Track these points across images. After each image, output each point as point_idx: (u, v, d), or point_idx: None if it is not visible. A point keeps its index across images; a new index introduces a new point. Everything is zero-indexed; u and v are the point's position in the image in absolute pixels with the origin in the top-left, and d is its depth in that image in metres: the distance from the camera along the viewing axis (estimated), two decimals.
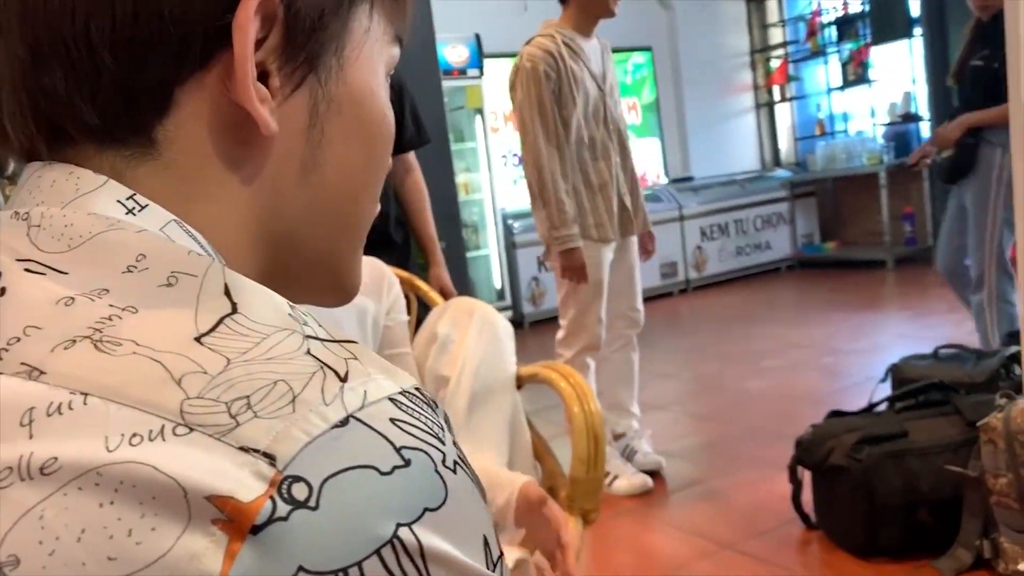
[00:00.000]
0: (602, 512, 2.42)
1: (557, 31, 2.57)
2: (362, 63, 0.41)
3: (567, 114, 2.52)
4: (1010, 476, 1.85)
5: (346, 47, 0.40)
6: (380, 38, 0.42)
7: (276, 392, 0.29)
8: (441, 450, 0.31)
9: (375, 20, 0.42)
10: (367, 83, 0.42)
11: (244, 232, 0.39)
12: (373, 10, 0.41)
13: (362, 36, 0.41)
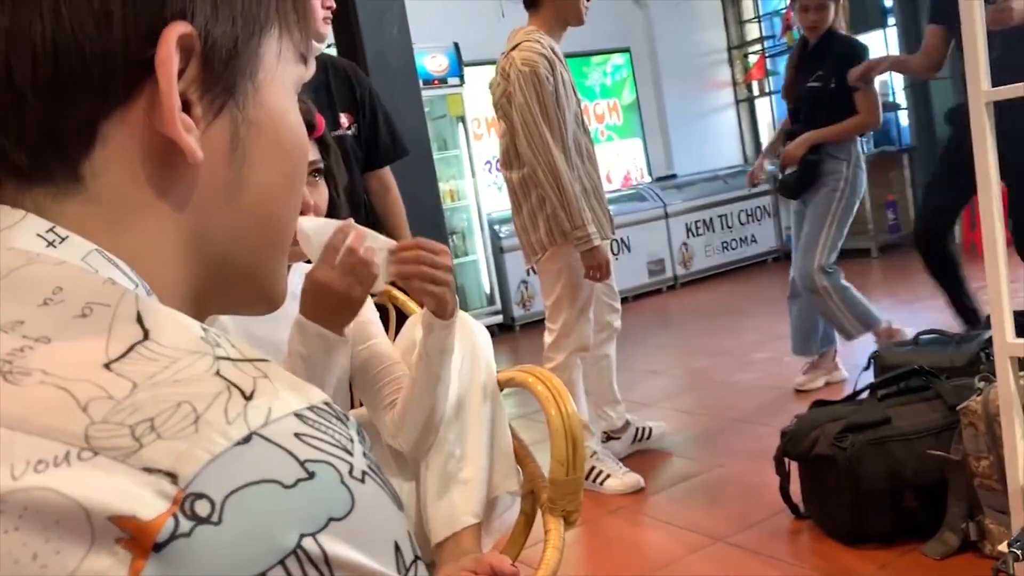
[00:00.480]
0: (594, 509, 2.45)
1: (539, 37, 2.57)
2: (275, 85, 0.43)
3: (563, 118, 2.55)
4: (992, 458, 1.88)
5: (259, 71, 0.42)
6: (289, 59, 0.44)
7: (180, 413, 0.30)
8: (348, 461, 0.32)
9: (284, 43, 0.43)
10: (281, 103, 0.43)
11: (174, 255, 0.41)
12: (281, 35, 0.43)
13: (274, 60, 0.43)
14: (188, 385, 0.31)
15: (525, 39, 2.56)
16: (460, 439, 1.28)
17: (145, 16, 0.37)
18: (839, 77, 3.18)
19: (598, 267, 2.56)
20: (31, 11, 0.35)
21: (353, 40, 3.67)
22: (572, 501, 1.23)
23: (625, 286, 6.26)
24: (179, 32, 0.37)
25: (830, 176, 3.30)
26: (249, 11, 0.41)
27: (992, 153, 1.41)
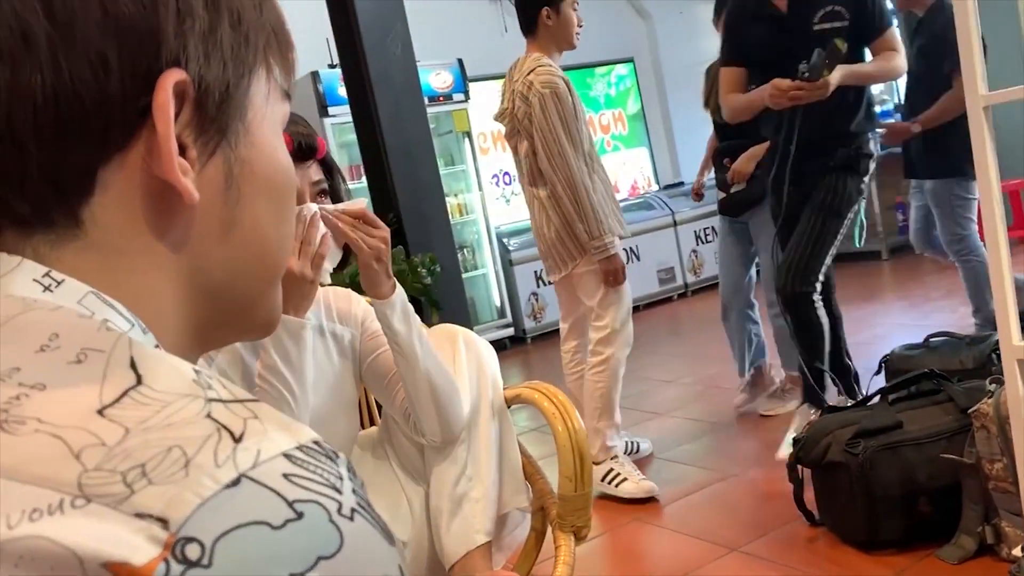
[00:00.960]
0: (609, 520, 2.44)
1: (547, 61, 2.77)
2: (264, 123, 0.44)
3: (580, 132, 2.74)
4: (1005, 460, 1.87)
5: (248, 111, 0.43)
6: (275, 98, 0.46)
7: (170, 458, 0.31)
8: (337, 499, 0.33)
9: (270, 83, 0.45)
10: (270, 140, 0.45)
11: (172, 293, 0.42)
12: (268, 75, 0.45)
13: (262, 100, 0.44)
14: (179, 429, 0.32)
15: (537, 64, 2.74)
16: (469, 457, 1.29)
17: (141, 64, 0.38)
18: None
19: (615, 272, 2.72)
20: (31, 64, 0.37)
21: (357, 60, 3.70)
22: (581, 516, 1.24)
23: (636, 295, 6.21)
24: (174, 79, 0.38)
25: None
26: (238, 55, 0.42)
27: (992, 156, 1.41)
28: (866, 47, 2.70)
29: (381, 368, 1.32)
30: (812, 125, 2.56)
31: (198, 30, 0.40)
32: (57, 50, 0.37)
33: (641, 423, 3.52)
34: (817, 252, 2.68)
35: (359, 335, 1.35)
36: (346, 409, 1.33)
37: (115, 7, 0.38)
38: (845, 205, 2.68)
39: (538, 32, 2.80)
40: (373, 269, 1.22)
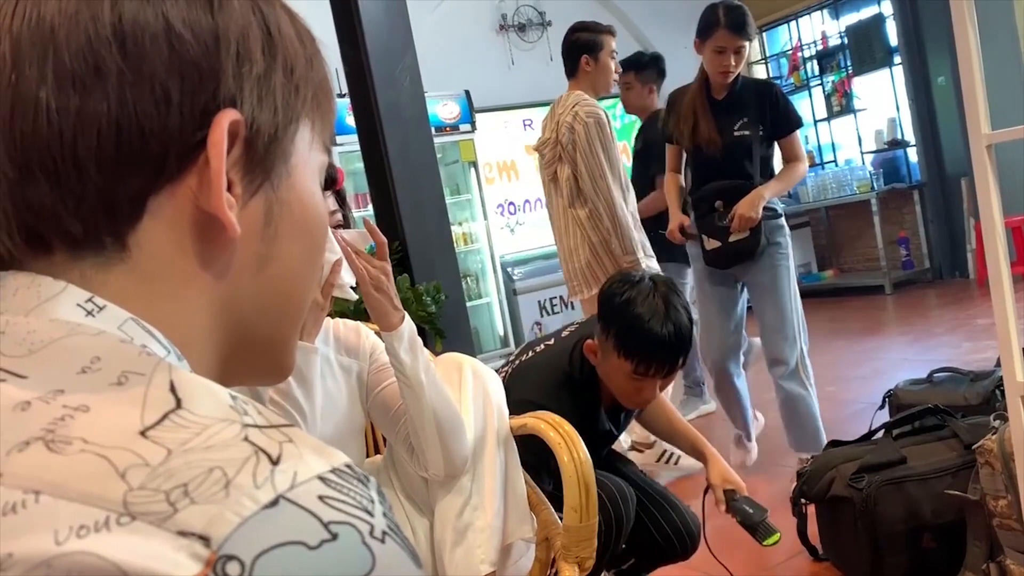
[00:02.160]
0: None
1: (589, 96, 3.07)
2: (305, 170, 0.47)
3: (617, 158, 3.02)
4: (1010, 497, 1.86)
5: (292, 157, 0.46)
6: (317, 148, 0.48)
7: (212, 478, 0.32)
8: (369, 522, 0.34)
9: (314, 133, 0.48)
10: (309, 187, 0.47)
11: (205, 324, 0.44)
12: (313, 126, 0.48)
13: (305, 147, 0.47)
14: (219, 451, 0.33)
15: (580, 98, 3.04)
16: (475, 487, 1.29)
17: (200, 101, 0.40)
18: (768, 122, 2.84)
19: None
20: (100, 93, 0.39)
21: (366, 93, 3.75)
22: (586, 548, 1.24)
23: None
24: (230, 118, 0.41)
25: (780, 235, 2.88)
26: (288, 103, 0.45)
27: (995, 194, 1.43)
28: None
29: (387, 401, 1.33)
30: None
31: (255, 74, 0.42)
32: (125, 82, 0.39)
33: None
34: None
35: (367, 367, 1.36)
36: (355, 437, 1.34)
37: (181, 46, 0.40)
38: None
39: (579, 75, 3.12)
40: (375, 298, 1.23)
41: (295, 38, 0.46)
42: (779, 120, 2.86)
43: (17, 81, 0.39)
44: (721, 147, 2.82)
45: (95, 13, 0.39)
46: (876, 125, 6.80)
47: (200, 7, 0.41)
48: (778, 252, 2.86)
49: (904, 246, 6.57)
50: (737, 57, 2.80)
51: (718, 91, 2.88)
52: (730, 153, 2.82)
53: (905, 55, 6.29)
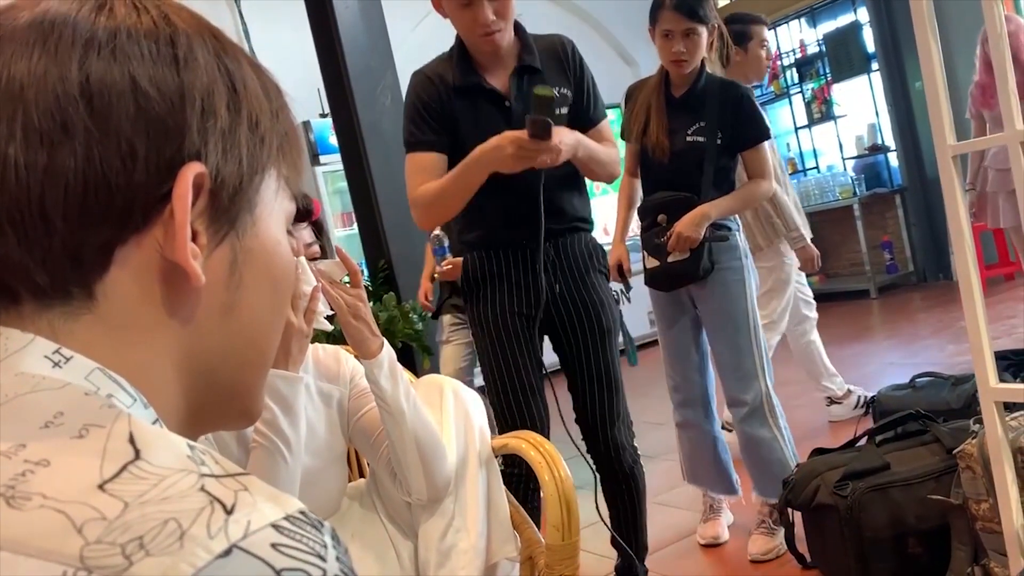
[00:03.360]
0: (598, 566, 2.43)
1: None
2: (271, 218, 0.48)
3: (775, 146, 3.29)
4: (991, 501, 1.88)
5: (257, 206, 0.47)
6: (283, 197, 0.50)
7: (166, 530, 0.33)
8: (322, 567, 0.35)
9: (280, 183, 0.49)
10: (274, 235, 0.49)
11: (172, 371, 0.45)
12: (279, 175, 0.49)
13: (271, 196, 0.48)
14: (174, 502, 0.34)
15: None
16: (458, 508, 1.30)
17: (165, 156, 0.42)
18: (729, 128, 2.40)
19: (810, 260, 3.30)
20: (67, 150, 0.40)
21: (348, 113, 3.77)
22: (569, 566, 1.25)
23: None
24: (195, 171, 0.42)
25: (725, 259, 2.45)
26: (253, 154, 0.46)
27: (962, 204, 1.45)
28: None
29: (368, 426, 1.34)
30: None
31: (219, 129, 0.44)
32: (92, 139, 0.41)
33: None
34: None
35: (347, 393, 1.37)
36: (336, 462, 1.35)
37: (147, 103, 0.42)
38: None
39: (731, 65, 3.19)
40: (353, 326, 1.24)
41: (260, 92, 0.48)
42: (741, 128, 2.40)
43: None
44: (669, 152, 2.39)
45: (63, 73, 0.41)
46: (856, 131, 6.87)
47: (166, 66, 0.43)
48: (731, 278, 2.43)
49: (888, 250, 6.62)
50: (688, 43, 2.33)
51: (677, 87, 2.44)
52: (679, 160, 2.39)
53: (883, 61, 6.36)
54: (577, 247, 2.02)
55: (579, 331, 2.00)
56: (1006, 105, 1.34)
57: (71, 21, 0.42)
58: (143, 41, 0.43)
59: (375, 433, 1.33)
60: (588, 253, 2.04)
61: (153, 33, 0.43)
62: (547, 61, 2.00)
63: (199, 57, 0.44)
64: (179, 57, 0.43)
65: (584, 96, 2.03)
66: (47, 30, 0.42)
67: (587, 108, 2.04)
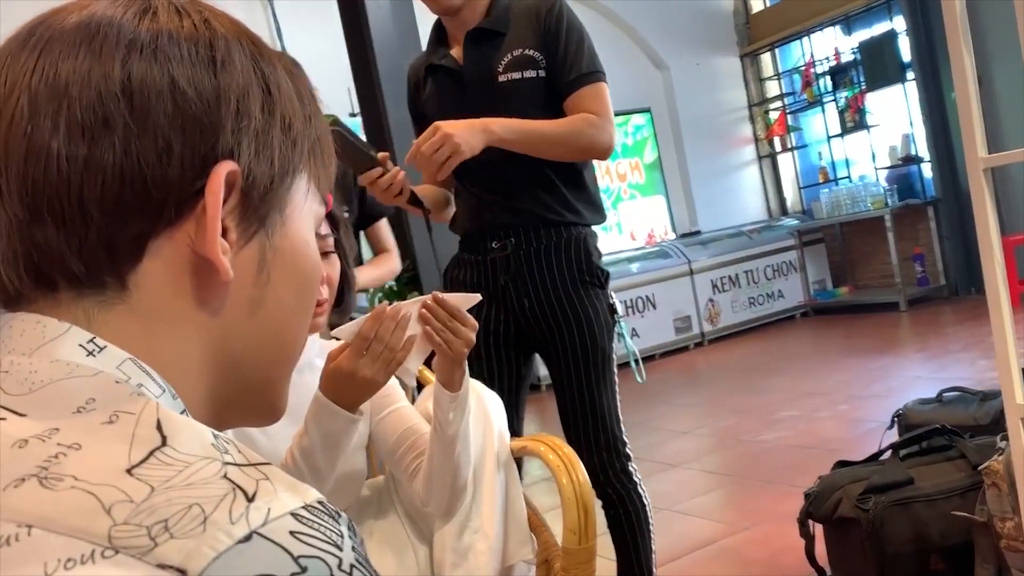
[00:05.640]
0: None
1: None
2: (300, 219, 0.50)
3: None
4: (1017, 519, 1.85)
5: (287, 206, 0.49)
6: (313, 199, 0.51)
7: (190, 515, 0.35)
8: (338, 556, 0.36)
9: (311, 185, 0.51)
10: (303, 236, 0.50)
11: (198, 363, 0.46)
12: (309, 178, 0.51)
13: (301, 198, 0.50)
14: (198, 488, 0.36)
15: None
16: (475, 509, 1.30)
17: (200, 153, 0.44)
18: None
19: None
20: (106, 144, 0.42)
21: (377, 110, 3.79)
22: (585, 569, 1.25)
23: (651, 344, 6.26)
24: (227, 169, 0.44)
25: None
26: (285, 156, 0.48)
27: (993, 217, 1.44)
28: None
29: (389, 428, 1.34)
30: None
31: (252, 129, 0.46)
32: (130, 134, 0.42)
33: (655, 474, 3.50)
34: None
35: None
36: (358, 450, 1.35)
37: (185, 103, 0.43)
38: None
39: None
40: (449, 370, 1.22)
41: (294, 96, 0.49)
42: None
43: (32, 132, 0.42)
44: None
45: (106, 71, 0.43)
46: (890, 141, 6.79)
47: (204, 67, 0.45)
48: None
49: (919, 262, 6.54)
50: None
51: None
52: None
53: (918, 71, 6.28)
54: (555, 253, 1.76)
55: (557, 351, 1.77)
56: None
57: (116, 23, 0.44)
58: (183, 44, 0.45)
59: (394, 436, 1.33)
60: (570, 260, 1.77)
61: (193, 36, 0.45)
62: (519, 21, 1.77)
63: (236, 60, 0.46)
64: (217, 60, 0.45)
65: (557, 58, 1.75)
66: (93, 31, 0.43)
67: (560, 72, 1.75)
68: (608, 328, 1.79)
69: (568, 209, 1.78)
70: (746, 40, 7.53)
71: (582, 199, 1.80)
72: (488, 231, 1.78)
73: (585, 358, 1.76)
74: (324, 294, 1.25)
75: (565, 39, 1.74)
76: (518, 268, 1.76)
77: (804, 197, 7.58)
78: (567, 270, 1.76)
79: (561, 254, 1.76)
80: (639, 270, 6.38)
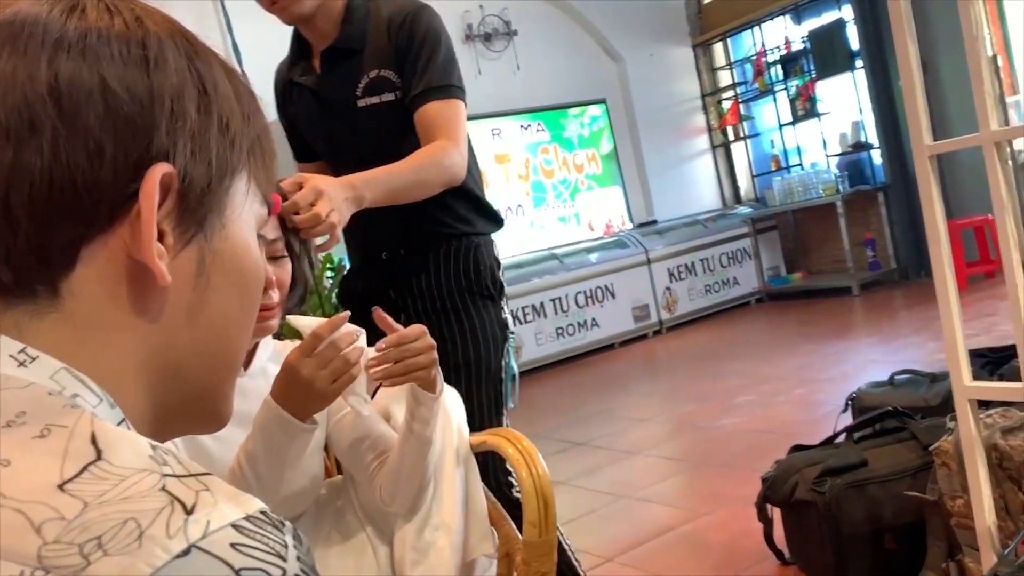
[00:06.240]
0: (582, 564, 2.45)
1: None
2: (240, 221, 0.48)
3: None
4: (966, 497, 1.90)
5: (227, 209, 0.47)
6: (254, 200, 0.50)
7: (125, 530, 0.33)
8: (282, 567, 0.35)
9: (251, 186, 0.49)
10: (244, 238, 0.49)
11: (137, 371, 0.45)
12: (249, 178, 0.49)
13: (241, 199, 0.49)
14: (134, 502, 0.35)
15: None
16: (435, 506, 1.30)
17: (133, 155, 0.42)
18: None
19: None
20: (34, 147, 0.40)
21: None
22: (546, 562, 1.25)
23: (611, 332, 6.31)
24: (162, 171, 0.43)
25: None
26: (223, 157, 0.47)
27: (939, 201, 1.46)
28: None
29: (347, 428, 1.32)
30: None
31: (188, 130, 0.44)
32: (59, 137, 0.41)
33: (614, 462, 3.53)
34: None
35: None
36: (316, 452, 1.34)
37: (116, 103, 0.42)
38: None
39: None
40: (431, 379, 1.19)
41: (231, 95, 0.48)
42: None
43: None
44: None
45: (32, 72, 0.41)
46: (840, 128, 6.90)
47: (136, 67, 0.43)
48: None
49: (870, 247, 6.66)
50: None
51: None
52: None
53: (866, 59, 6.39)
54: (444, 264, 1.70)
55: (443, 363, 1.58)
56: (981, 105, 1.35)
57: (42, 22, 0.42)
58: (114, 42, 0.43)
59: (352, 437, 1.31)
60: (458, 271, 1.71)
61: (124, 35, 0.44)
62: (376, 35, 1.63)
63: (170, 59, 0.45)
64: (150, 59, 0.44)
65: (406, 72, 1.62)
66: (17, 30, 0.42)
67: (408, 86, 1.62)
68: (496, 342, 1.72)
69: (459, 220, 1.73)
70: (698, 30, 7.59)
71: (472, 208, 1.75)
72: (380, 245, 1.74)
73: (468, 372, 1.69)
74: (275, 298, 1.22)
75: (416, 51, 1.62)
76: (406, 279, 1.72)
77: (757, 185, 7.67)
78: (454, 281, 1.71)
79: (450, 264, 1.71)
80: (598, 260, 6.41)
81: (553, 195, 6.75)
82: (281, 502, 1.22)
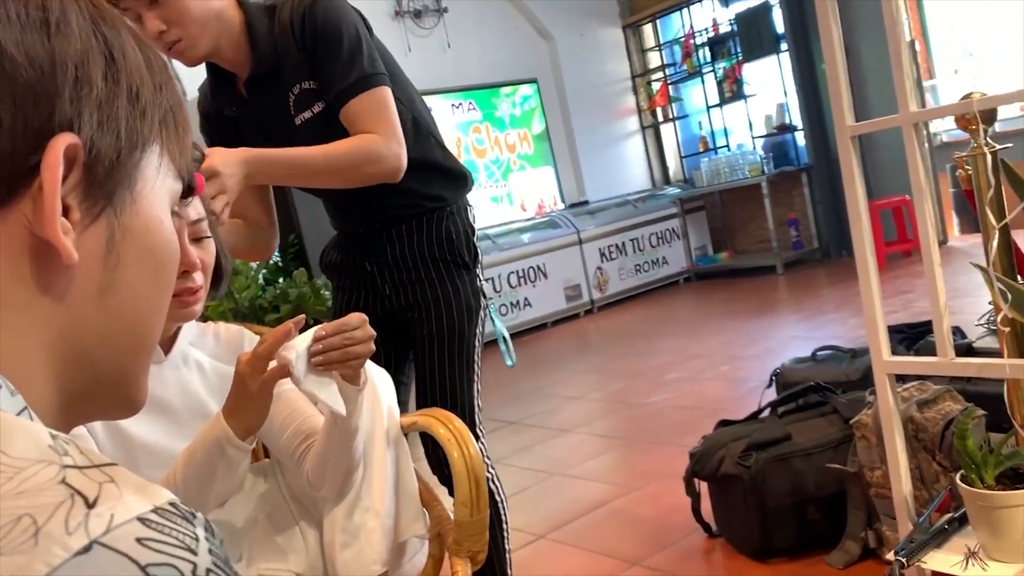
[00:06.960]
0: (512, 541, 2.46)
1: None
2: (152, 196, 0.46)
3: None
4: (884, 468, 1.97)
5: (138, 183, 0.45)
6: (167, 174, 0.47)
7: (20, 527, 0.31)
8: (192, 561, 0.33)
9: (163, 159, 0.47)
10: (156, 214, 0.46)
11: (42, 354, 0.42)
12: (162, 151, 0.47)
13: (153, 173, 0.46)
14: (31, 496, 0.32)
15: None
16: (365, 488, 1.28)
17: (34, 125, 0.39)
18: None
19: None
20: None
21: None
22: (478, 542, 1.25)
23: (543, 312, 6.34)
24: (66, 143, 0.40)
25: None
26: (133, 128, 0.44)
27: (860, 182, 1.50)
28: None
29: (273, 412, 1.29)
30: None
31: (95, 99, 0.42)
32: None
33: (547, 440, 3.56)
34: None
35: None
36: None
37: (14, 69, 0.39)
38: None
39: None
40: (358, 372, 1.16)
41: (142, 63, 0.45)
42: None
43: None
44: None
45: None
46: (766, 110, 7.04)
47: (35, 31, 0.40)
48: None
49: (794, 227, 6.84)
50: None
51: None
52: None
53: (791, 42, 6.52)
54: (417, 234, 1.71)
55: (418, 333, 1.71)
56: (901, 88, 1.39)
57: None
58: (10, 4, 0.40)
59: (281, 421, 1.28)
60: (431, 241, 1.72)
61: None
62: (287, 51, 1.57)
63: (73, 23, 0.42)
64: (51, 22, 0.41)
65: (321, 78, 1.56)
66: None
67: (326, 89, 1.56)
68: (470, 311, 1.73)
69: (427, 198, 1.72)
70: (628, 11, 7.63)
71: (438, 181, 1.74)
72: (355, 222, 1.76)
73: (441, 341, 1.70)
74: (199, 281, 1.18)
75: (321, 53, 1.54)
76: (380, 252, 1.73)
77: (686, 166, 7.79)
78: (427, 251, 1.72)
79: (423, 235, 1.72)
80: (530, 240, 6.43)
81: (485, 175, 6.72)
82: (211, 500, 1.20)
